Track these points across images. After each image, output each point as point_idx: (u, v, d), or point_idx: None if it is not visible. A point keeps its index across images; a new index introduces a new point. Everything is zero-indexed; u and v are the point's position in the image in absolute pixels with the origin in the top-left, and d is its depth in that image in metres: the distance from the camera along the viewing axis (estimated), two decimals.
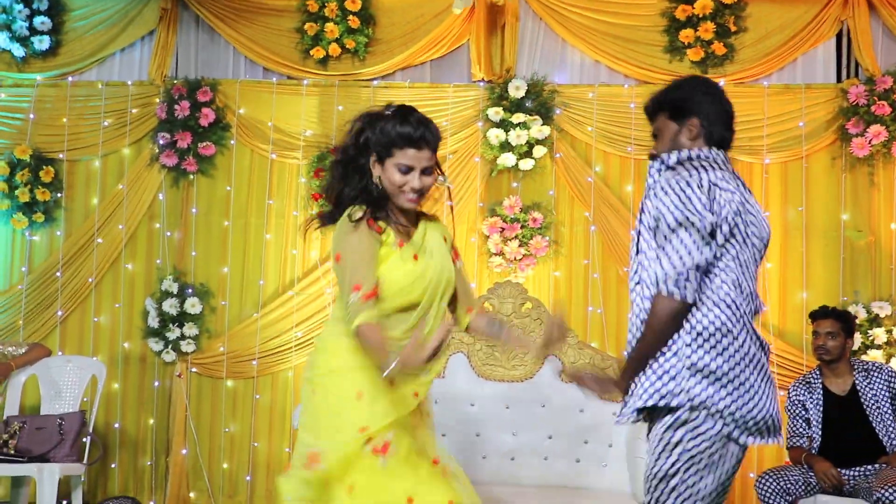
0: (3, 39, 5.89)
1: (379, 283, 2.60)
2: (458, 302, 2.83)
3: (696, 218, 2.45)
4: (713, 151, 2.61)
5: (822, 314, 4.68)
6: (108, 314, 5.85)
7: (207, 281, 5.80)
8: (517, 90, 5.60)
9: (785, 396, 4.73)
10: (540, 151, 5.61)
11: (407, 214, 2.73)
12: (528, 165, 5.61)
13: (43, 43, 5.89)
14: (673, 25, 5.67)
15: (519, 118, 5.56)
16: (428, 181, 2.66)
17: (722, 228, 2.47)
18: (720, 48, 5.61)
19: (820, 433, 4.57)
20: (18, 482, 5.15)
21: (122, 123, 5.88)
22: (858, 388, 4.57)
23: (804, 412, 4.63)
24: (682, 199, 2.46)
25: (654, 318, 2.45)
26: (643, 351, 2.49)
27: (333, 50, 5.78)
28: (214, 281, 5.80)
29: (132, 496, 5.67)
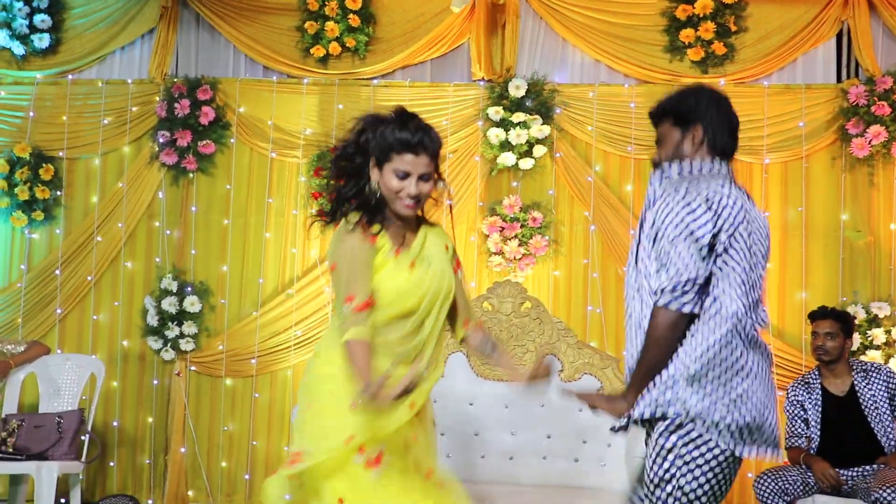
0: (3, 37, 5.89)
1: (374, 292, 2.59)
2: (456, 312, 2.80)
3: (696, 231, 2.44)
4: (716, 163, 2.60)
5: (821, 314, 4.68)
6: (107, 312, 5.84)
7: (207, 279, 5.80)
8: (517, 89, 5.60)
9: (783, 397, 4.73)
10: (540, 151, 5.61)
11: (406, 220, 2.70)
12: (527, 165, 5.61)
13: (43, 41, 5.89)
14: (673, 25, 5.67)
15: (519, 117, 5.56)
16: (425, 188, 2.63)
17: (722, 240, 2.47)
18: (720, 48, 5.60)
19: (818, 433, 4.57)
20: (17, 480, 5.15)
21: (121, 122, 5.87)
22: (857, 388, 4.57)
23: (803, 412, 4.63)
24: (682, 212, 2.46)
25: (654, 330, 2.46)
26: (647, 364, 2.50)
27: (334, 49, 5.78)
28: (214, 279, 5.80)
29: (131, 494, 5.67)
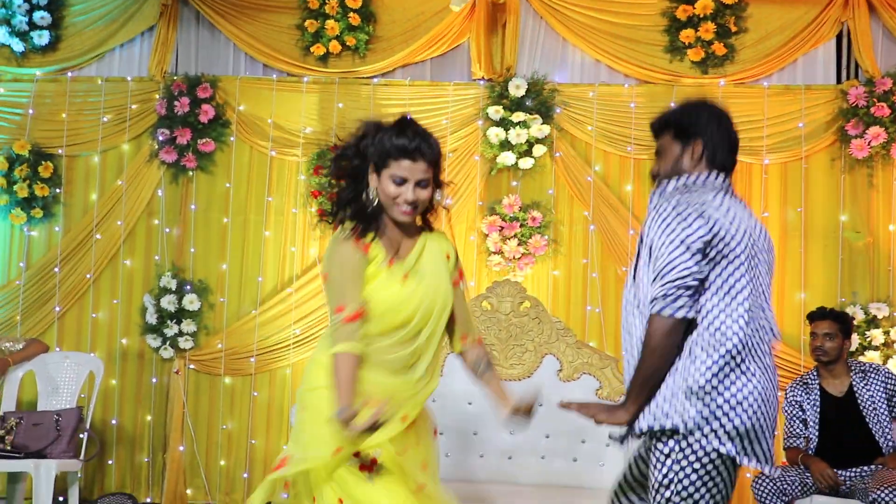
0: (2, 34, 5.88)
1: (366, 302, 2.58)
2: (455, 324, 2.78)
3: (687, 239, 2.45)
4: (712, 175, 2.61)
5: (819, 315, 4.69)
6: (106, 310, 5.84)
7: (206, 278, 5.79)
8: (517, 89, 5.60)
9: (782, 397, 4.73)
10: (540, 150, 5.61)
11: (404, 228, 2.67)
12: (527, 164, 5.61)
13: (42, 38, 5.88)
14: (673, 25, 5.67)
15: (519, 117, 5.56)
16: (423, 194, 2.60)
17: (718, 248, 2.47)
18: (720, 48, 5.60)
19: (817, 434, 4.57)
20: (15, 478, 5.14)
21: (121, 119, 5.87)
22: (855, 389, 4.57)
23: (801, 413, 4.64)
24: (673, 222, 2.47)
25: (650, 338, 2.47)
26: (645, 373, 2.50)
27: (334, 47, 5.77)
28: (213, 278, 5.80)
29: (129, 493, 5.67)
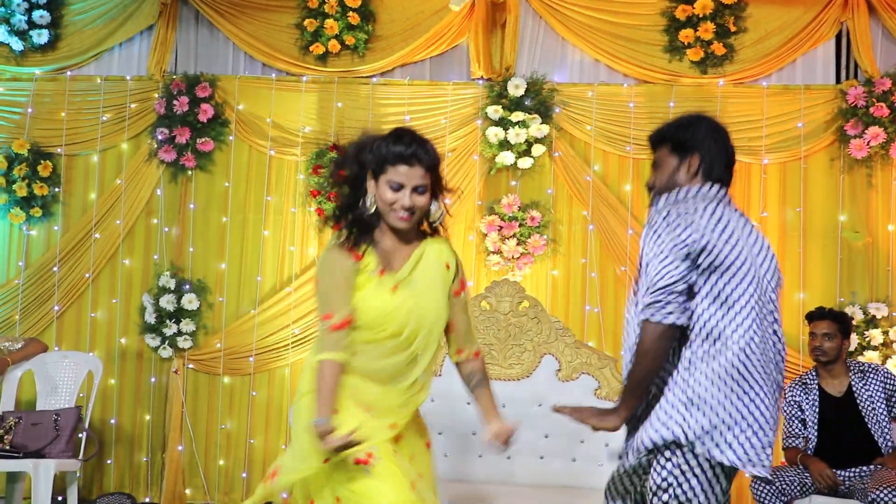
0: (1, 33, 5.87)
1: (354, 311, 2.59)
2: (451, 335, 2.78)
3: (676, 246, 2.47)
4: (706, 186, 2.62)
5: (818, 315, 4.69)
6: (104, 310, 5.84)
7: (205, 277, 5.79)
8: (516, 88, 5.60)
9: (781, 398, 4.73)
10: (539, 150, 5.61)
11: (402, 236, 2.67)
12: (526, 164, 5.61)
13: (41, 37, 5.88)
14: (673, 25, 5.67)
15: (518, 116, 5.56)
16: (420, 200, 2.60)
17: (712, 254, 2.48)
18: (720, 48, 5.60)
19: (816, 434, 4.57)
20: (14, 478, 5.14)
21: (120, 118, 5.87)
22: (854, 389, 4.57)
23: (800, 413, 4.64)
24: (663, 231, 2.50)
25: (641, 344, 2.49)
26: (637, 377, 2.52)
27: (333, 46, 5.77)
28: (212, 277, 5.80)
29: (128, 492, 5.67)
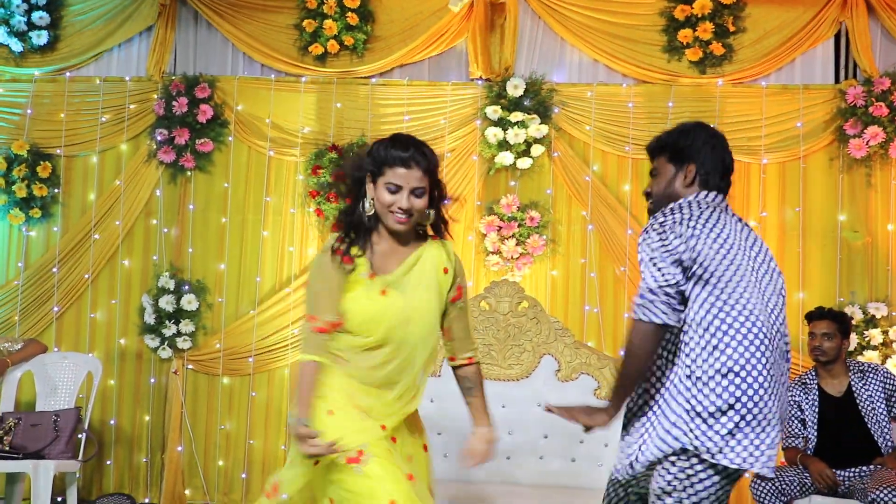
0: (1, 34, 5.87)
1: (344, 313, 2.61)
2: (449, 340, 2.80)
3: (663, 250, 2.50)
4: (702, 193, 2.64)
5: (818, 315, 4.69)
6: (104, 310, 5.84)
7: (204, 278, 5.79)
8: (515, 89, 5.60)
9: None
10: (538, 150, 5.61)
11: (400, 239, 2.68)
12: (525, 164, 5.61)
13: (41, 38, 5.88)
14: (671, 25, 5.66)
15: (517, 117, 5.56)
16: (418, 203, 2.61)
17: (706, 258, 2.49)
18: (718, 48, 5.60)
19: (815, 434, 4.57)
20: (13, 479, 5.14)
21: (119, 119, 5.87)
22: (854, 389, 4.57)
23: (800, 413, 4.63)
24: (654, 236, 2.53)
25: (628, 343, 2.53)
26: (624, 374, 2.55)
27: (332, 47, 5.77)
28: (211, 278, 5.80)
29: (127, 493, 5.67)
